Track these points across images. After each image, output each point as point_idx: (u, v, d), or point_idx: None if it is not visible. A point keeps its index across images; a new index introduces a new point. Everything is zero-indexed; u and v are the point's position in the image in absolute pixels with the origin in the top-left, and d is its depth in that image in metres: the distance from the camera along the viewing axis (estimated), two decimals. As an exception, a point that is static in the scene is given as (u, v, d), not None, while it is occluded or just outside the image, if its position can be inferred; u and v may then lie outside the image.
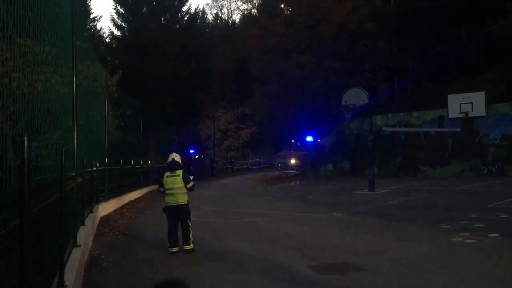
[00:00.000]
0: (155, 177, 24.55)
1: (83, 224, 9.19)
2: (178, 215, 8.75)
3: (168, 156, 9.28)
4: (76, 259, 6.37)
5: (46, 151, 5.95)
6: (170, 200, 8.81)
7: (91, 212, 11.42)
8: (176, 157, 9.04)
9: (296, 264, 7.36)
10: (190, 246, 8.61)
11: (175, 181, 8.76)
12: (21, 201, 2.65)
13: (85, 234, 8.47)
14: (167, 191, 8.81)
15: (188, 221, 8.76)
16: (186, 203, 8.84)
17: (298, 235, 9.93)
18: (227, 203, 17.02)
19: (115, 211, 15.10)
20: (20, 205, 2.65)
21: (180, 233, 8.76)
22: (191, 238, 8.66)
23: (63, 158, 5.18)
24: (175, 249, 8.59)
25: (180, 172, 8.85)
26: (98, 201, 13.66)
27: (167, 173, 8.89)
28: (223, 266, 7.52)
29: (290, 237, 9.70)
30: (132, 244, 9.89)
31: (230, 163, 46.31)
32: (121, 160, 17.91)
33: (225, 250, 8.72)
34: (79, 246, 7.23)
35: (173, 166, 8.93)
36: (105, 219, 13.08)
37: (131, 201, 18.09)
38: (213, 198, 19.09)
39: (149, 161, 24.71)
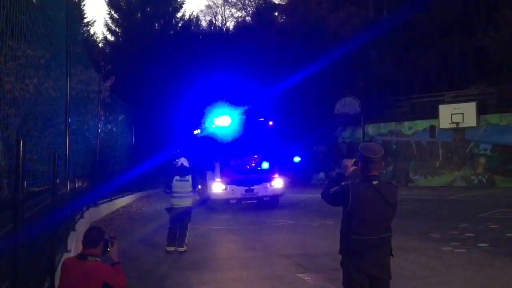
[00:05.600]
0: (147, 182, 24.46)
1: (73, 229, 9.15)
2: (181, 217, 9.25)
3: (173, 161, 9.83)
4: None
5: (38, 155, 5.93)
6: (176, 202, 9.29)
7: (82, 217, 11.35)
8: (184, 162, 9.59)
9: (289, 271, 7.37)
10: (184, 248, 9.15)
11: (184, 186, 9.32)
12: (15, 206, 2.64)
13: (76, 240, 8.40)
14: (175, 194, 9.31)
15: (188, 224, 9.35)
16: (191, 205, 9.47)
17: (290, 243, 9.94)
18: (221, 210, 16.97)
19: (105, 216, 15.01)
20: (14, 209, 2.65)
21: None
22: (186, 241, 9.23)
23: (56, 163, 5.16)
24: (172, 248, 9.11)
25: (189, 177, 9.41)
26: (89, 206, 13.57)
27: (177, 177, 9.36)
28: (216, 272, 7.50)
29: (282, 245, 9.71)
30: (121, 249, 9.83)
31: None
32: (113, 165, 17.84)
33: (219, 257, 8.72)
34: (69, 251, 7.18)
35: (183, 171, 9.43)
36: (96, 225, 13.00)
37: (122, 207, 17.99)
38: (208, 204, 19.03)
39: (141, 166, 24.59)
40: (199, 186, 9.96)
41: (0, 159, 5.35)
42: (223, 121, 16.40)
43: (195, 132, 19.02)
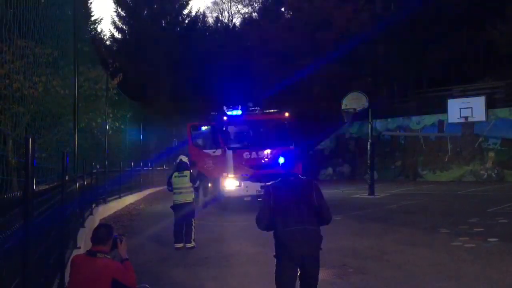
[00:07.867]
0: (155, 179, 24.57)
1: (83, 226, 9.22)
2: (184, 213, 9.27)
3: (172, 158, 9.88)
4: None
5: (47, 153, 5.98)
6: (177, 198, 9.36)
7: (91, 214, 11.44)
8: (183, 158, 9.72)
9: (295, 267, 7.36)
10: (192, 244, 9.19)
11: (182, 181, 9.39)
12: (25, 203, 2.67)
13: (85, 236, 8.47)
14: (175, 190, 9.40)
15: (193, 219, 9.34)
16: (191, 201, 9.45)
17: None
18: (227, 206, 16.99)
19: (114, 213, 15.11)
20: (24, 206, 2.67)
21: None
22: (193, 237, 9.25)
23: (65, 161, 5.20)
24: (180, 245, 9.14)
25: (187, 172, 9.49)
26: (98, 203, 13.66)
27: (176, 174, 9.49)
28: (225, 268, 7.52)
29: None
30: (130, 246, 9.89)
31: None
32: (121, 163, 17.93)
33: (228, 253, 8.74)
34: (79, 247, 7.24)
35: (181, 167, 9.56)
36: (105, 222, 13.07)
37: (131, 203, 18.09)
38: (212, 201, 19.07)
39: (149, 164, 24.72)
40: (198, 182, 9.81)
41: (10, 157, 5.41)
42: (235, 113, 15.45)
43: (204, 128, 18.29)
